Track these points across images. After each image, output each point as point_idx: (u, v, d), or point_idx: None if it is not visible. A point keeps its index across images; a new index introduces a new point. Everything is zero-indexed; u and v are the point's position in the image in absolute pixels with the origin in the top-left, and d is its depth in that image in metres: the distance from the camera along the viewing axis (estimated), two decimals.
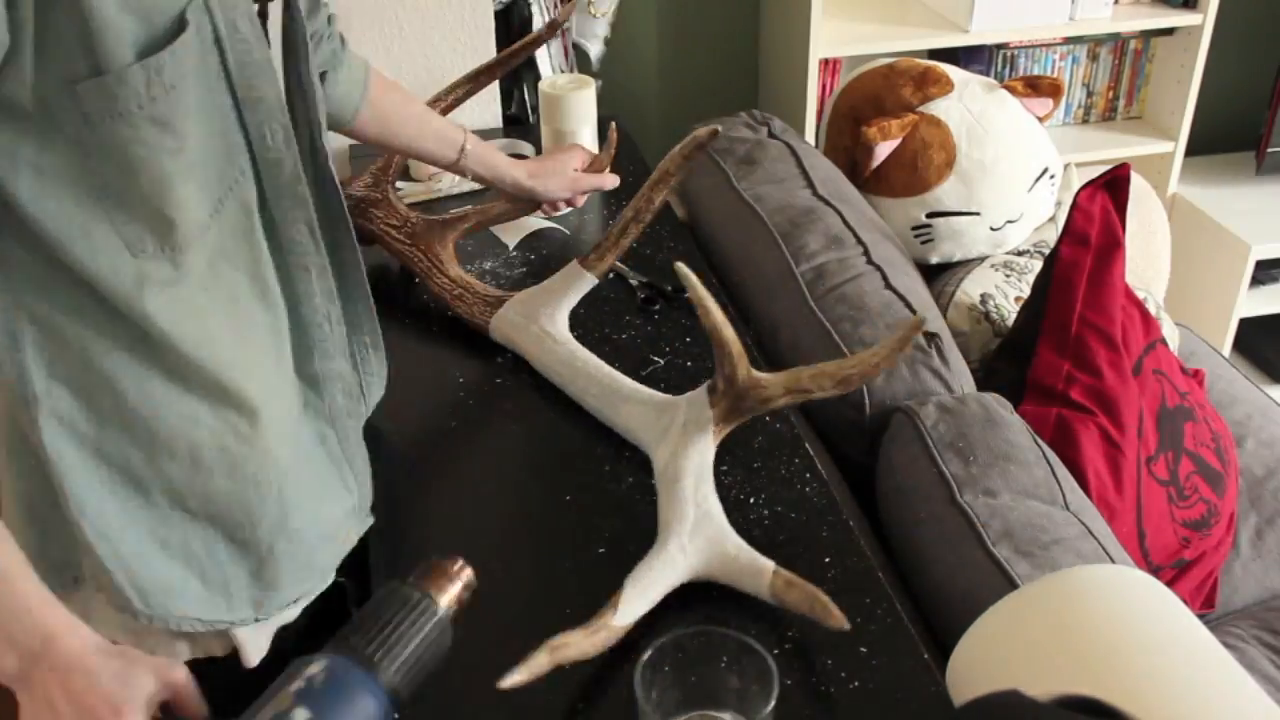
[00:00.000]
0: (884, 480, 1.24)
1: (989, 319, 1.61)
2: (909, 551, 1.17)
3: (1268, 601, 1.60)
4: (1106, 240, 1.42)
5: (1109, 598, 0.85)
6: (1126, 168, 1.46)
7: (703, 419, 1.01)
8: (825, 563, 1.01)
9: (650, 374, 1.26)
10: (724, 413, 1.01)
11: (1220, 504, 1.53)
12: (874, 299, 1.37)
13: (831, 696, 0.88)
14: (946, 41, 2.32)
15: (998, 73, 2.53)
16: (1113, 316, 1.40)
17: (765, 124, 1.76)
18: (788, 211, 1.52)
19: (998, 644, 0.87)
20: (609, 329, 1.34)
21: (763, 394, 0.99)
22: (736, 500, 1.08)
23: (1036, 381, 1.40)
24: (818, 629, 0.93)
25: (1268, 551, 1.63)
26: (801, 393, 0.99)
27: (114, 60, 0.71)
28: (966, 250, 1.75)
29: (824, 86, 2.45)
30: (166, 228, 0.79)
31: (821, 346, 1.34)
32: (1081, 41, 2.55)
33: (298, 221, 0.88)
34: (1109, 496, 1.34)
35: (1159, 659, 0.80)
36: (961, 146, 1.68)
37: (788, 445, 1.15)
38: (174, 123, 0.76)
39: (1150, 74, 2.61)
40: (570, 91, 1.63)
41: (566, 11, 1.43)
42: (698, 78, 2.60)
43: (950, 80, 1.74)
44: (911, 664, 0.91)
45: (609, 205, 1.65)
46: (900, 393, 1.29)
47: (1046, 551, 1.08)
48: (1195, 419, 1.55)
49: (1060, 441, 1.34)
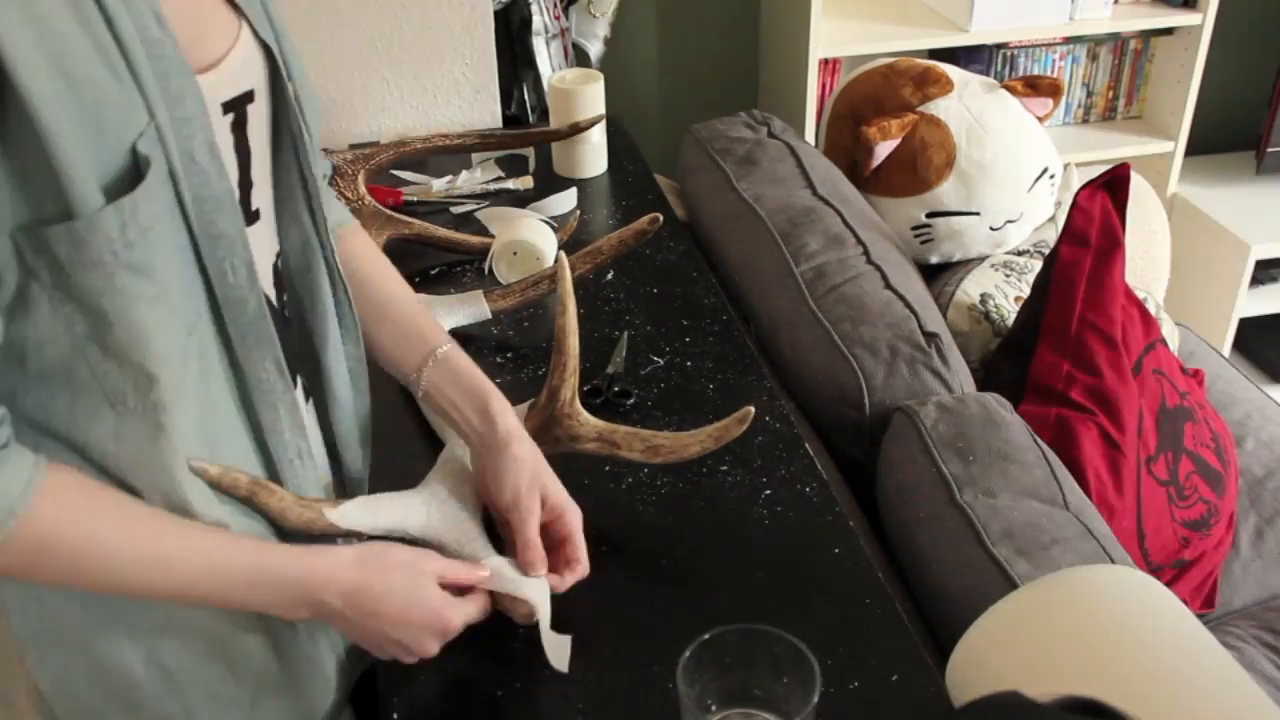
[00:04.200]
0: (884, 480, 1.24)
1: (989, 319, 1.61)
2: (909, 551, 1.17)
3: (1268, 601, 1.60)
4: (1106, 240, 1.42)
5: (1109, 598, 0.85)
6: (1126, 168, 1.46)
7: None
8: (825, 563, 1.01)
9: (650, 373, 1.26)
10: (533, 430, 0.99)
11: (1220, 504, 1.53)
12: (874, 299, 1.37)
13: (831, 696, 0.88)
14: (946, 41, 2.32)
15: (998, 73, 2.53)
16: (1113, 316, 1.40)
17: (765, 124, 1.76)
18: (788, 211, 1.52)
19: (998, 644, 0.87)
20: (609, 329, 1.34)
21: (574, 429, 0.99)
22: (737, 500, 1.08)
23: (1036, 381, 1.40)
24: (818, 630, 0.93)
25: (1268, 551, 1.63)
26: (611, 444, 1.00)
27: (84, 204, 0.65)
28: (966, 250, 1.75)
29: (824, 86, 2.45)
30: (147, 382, 0.73)
31: (821, 346, 1.34)
32: (1081, 41, 2.55)
33: (264, 360, 0.80)
34: (1109, 496, 1.34)
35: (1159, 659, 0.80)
36: (961, 146, 1.68)
37: (788, 445, 1.15)
38: (153, 268, 0.69)
39: (1150, 74, 2.61)
40: (579, 86, 1.64)
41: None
42: (698, 78, 2.60)
43: (950, 80, 1.74)
44: (911, 664, 0.91)
45: (609, 206, 1.65)
46: (900, 393, 1.29)
47: (1046, 551, 1.08)
48: (1195, 419, 1.55)
49: (1060, 441, 1.34)
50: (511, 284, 1.29)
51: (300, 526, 0.84)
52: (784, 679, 0.79)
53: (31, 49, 0.61)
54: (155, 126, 0.68)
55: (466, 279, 1.45)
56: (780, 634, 0.79)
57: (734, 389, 1.24)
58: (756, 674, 0.80)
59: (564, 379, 0.97)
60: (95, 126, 0.65)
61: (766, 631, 0.79)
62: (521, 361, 1.29)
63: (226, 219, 0.75)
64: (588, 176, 1.71)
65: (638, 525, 1.05)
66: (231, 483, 0.79)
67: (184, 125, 0.70)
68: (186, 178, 0.71)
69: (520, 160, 1.77)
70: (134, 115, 0.67)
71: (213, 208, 0.73)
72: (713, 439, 1.00)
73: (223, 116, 0.76)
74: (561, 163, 1.72)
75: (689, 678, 0.78)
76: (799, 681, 0.78)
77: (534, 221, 1.46)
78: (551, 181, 1.70)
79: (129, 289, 0.69)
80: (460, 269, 1.47)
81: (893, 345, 1.31)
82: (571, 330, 0.96)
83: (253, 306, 0.78)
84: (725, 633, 0.79)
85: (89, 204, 0.65)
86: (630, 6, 2.46)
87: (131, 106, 0.66)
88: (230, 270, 0.76)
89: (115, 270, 0.68)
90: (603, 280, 1.44)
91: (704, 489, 1.10)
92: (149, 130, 0.67)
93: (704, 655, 0.79)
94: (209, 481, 0.78)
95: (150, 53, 0.68)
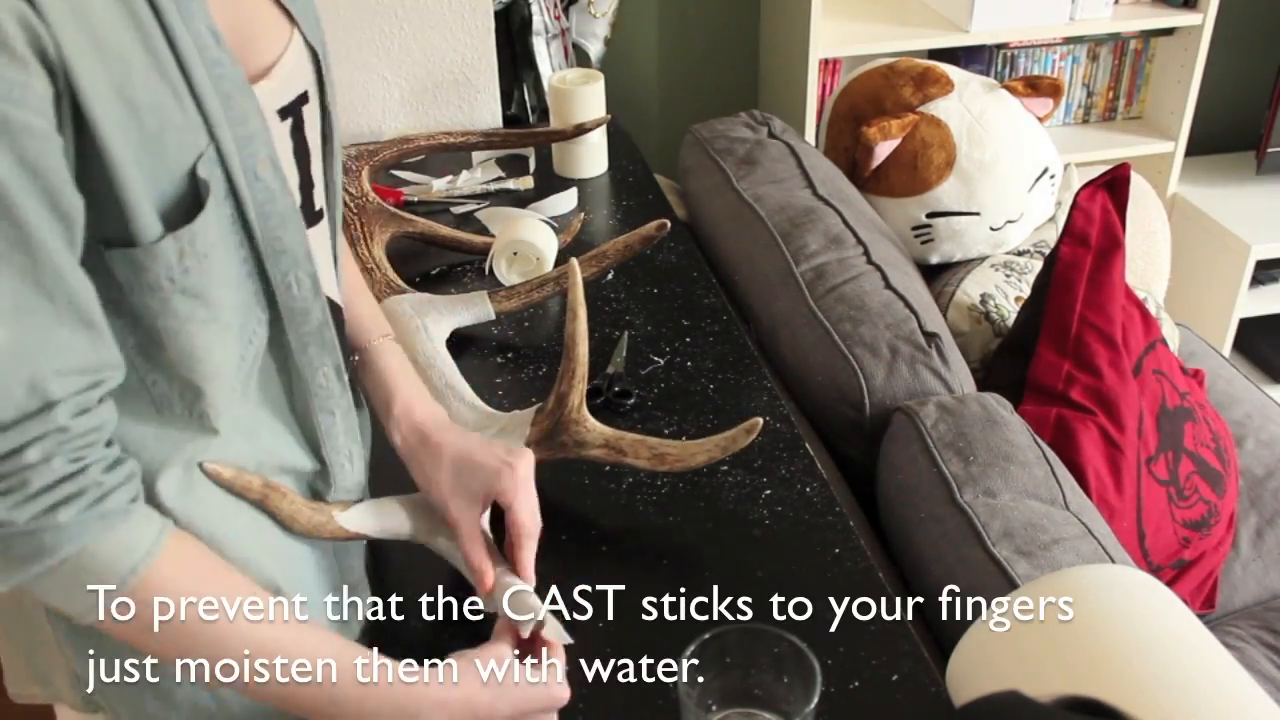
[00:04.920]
0: (884, 480, 1.24)
1: (989, 319, 1.61)
2: (909, 551, 1.17)
3: (1268, 601, 1.60)
4: (1106, 240, 1.42)
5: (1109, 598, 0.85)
6: (1126, 168, 1.46)
7: (517, 434, 1.00)
8: (825, 563, 1.01)
9: (650, 373, 1.26)
10: (539, 435, 0.99)
11: (1220, 504, 1.53)
12: (874, 299, 1.37)
13: (831, 696, 0.88)
14: (946, 41, 2.32)
15: (998, 73, 2.53)
16: (1113, 316, 1.40)
17: (765, 124, 1.76)
18: (788, 211, 1.52)
19: (998, 644, 0.87)
20: (609, 329, 1.34)
21: (581, 436, 0.99)
22: (737, 500, 1.08)
23: (1036, 381, 1.40)
24: (818, 630, 0.93)
25: (1268, 551, 1.63)
26: (617, 451, 1.00)
27: (144, 233, 0.64)
28: (966, 250, 1.75)
29: (824, 86, 2.45)
30: (194, 395, 0.73)
31: (821, 346, 1.34)
32: (1081, 41, 2.55)
33: (324, 366, 0.81)
34: (1109, 496, 1.34)
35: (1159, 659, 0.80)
36: (961, 146, 1.68)
37: (788, 445, 1.15)
38: (208, 292, 0.69)
39: (1150, 74, 2.61)
40: (579, 86, 1.64)
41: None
42: (698, 78, 2.60)
43: (950, 80, 1.74)
44: (911, 664, 0.91)
45: (609, 206, 1.65)
46: (900, 393, 1.29)
47: (1046, 551, 1.08)
48: (1195, 419, 1.55)
49: (1060, 441, 1.33)
50: (516, 285, 1.29)
51: (309, 530, 0.84)
52: (784, 679, 0.79)
53: (97, 76, 0.60)
54: (216, 147, 0.66)
55: (467, 279, 1.45)
56: (781, 634, 0.79)
57: (734, 389, 1.24)
58: (757, 674, 0.80)
59: (572, 385, 0.97)
60: (157, 153, 0.64)
61: (767, 631, 0.79)
62: (522, 362, 1.29)
63: (291, 234, 0.74)
64: (588, 176, 1.71)
65: (638, 525, 1.05)
66: (244, 485, 0.79)
67: (247, 143, 0.69)
68: (251, 195, 0.70)
69: (520, 160, 1.77)
70: (194, 138, 0.65)
71: (277, 224, 0.73)
72: (720, 448, 1.00)
73: (281, 123, 0.75)
74: (561, 163, 1.72)
75: (689, 678, 0.78)
76: (799, 681, 0.78)
77: (534, 221, 1.46)
78: (551, 181, 1.70)
79: (182, 312, 0.68)
80: (461, 269, 1.47)
81: (893, 345, 1.31)
82: (582, 337, 0.96)
83: (316, 316, 0.78)
84: (725, 633, 0.79)
85: (149, 233, 0.64)
86: (630, 6, 2.45)
87: (192, 129, 0.65)
88: (295, 283, 0.75)
89: (171, 294, 0.67)
90: (603, 280, 1.44)
91: (704, 489, 1.10)
92: (209, 152, 0.66)
93: (704, 655, 0.79)
94: (222, 485, 0.78)
95: (211, 72, 0.66)
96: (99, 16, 0.60)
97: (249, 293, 0.73)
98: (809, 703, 0.76)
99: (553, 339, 1.34)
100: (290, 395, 0.81)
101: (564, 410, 0.98)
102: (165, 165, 0.64)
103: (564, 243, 1.46)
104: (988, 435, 1.20)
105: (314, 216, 0.81)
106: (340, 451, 0.85)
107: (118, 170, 0.62)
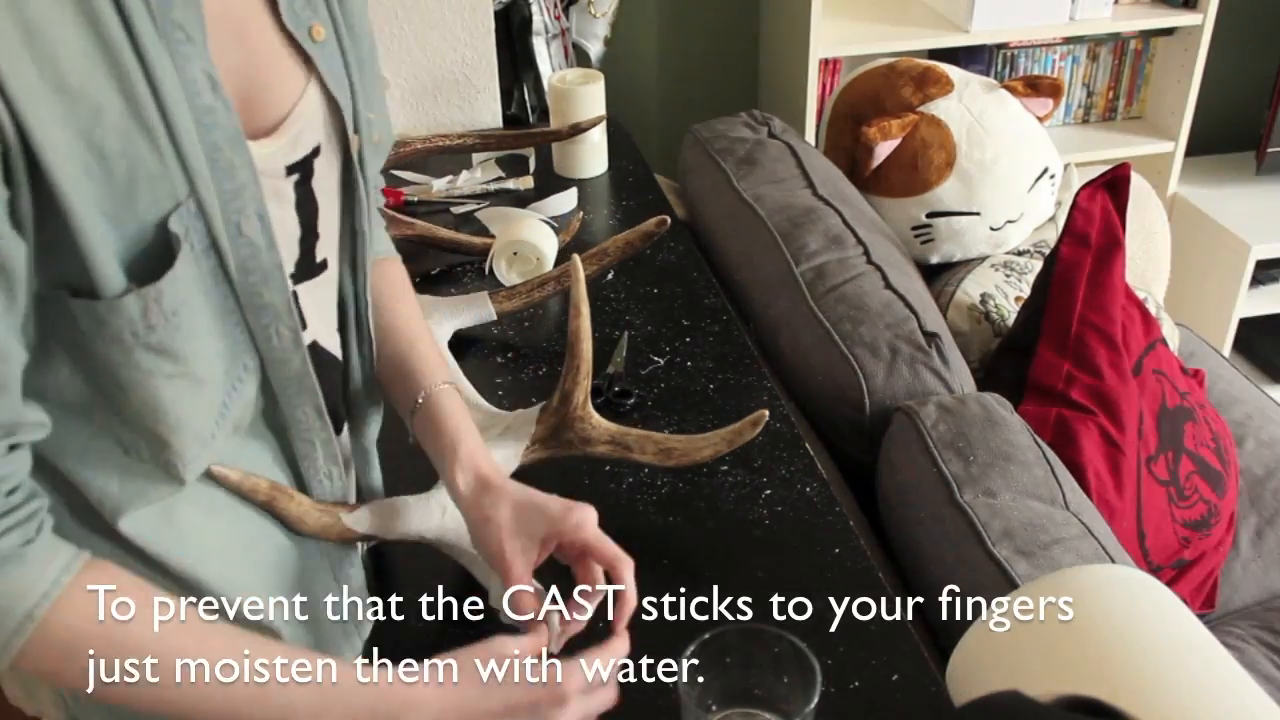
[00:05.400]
0: (884, 480, 1.24)
1: (989, 319, 1.61)
2: (909, 551, 1.17)
3: (1268, 601, 1.60)
4: (1106, 240, 1.42)
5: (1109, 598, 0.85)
6: (1126, 168, 1.46)
7: (522, 432, 0.99)
8: (825, 562, 1.01)
9: (650, 373, 1.26)
10: (545, 432, 0.99)
11: (1220, 504, 1.53)
12: (874, 299, 1.37)
13: (832, 696, 0.88)
14: (946, 41, 2.32)
15: (998, 73, 2.53)
16: (1113, 316, 1.40)
17: (765, 124, 1.76)
18: (788, 211, 1.52)
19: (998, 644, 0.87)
20: (609, 329, 1.34)
21: (586, 432, 0.99)
22: (737, 500, 1.08)
23: (1036, 381, 1.40)
24: (818, 630, 0.93)
25: (1268, 551, 1.63)
26: (623, 447, 0.99)
27: (105, 285, 0.61)
28: (966, 250, 1.75)
29: (824, 86, 2.45)
30: (159, 445, 0.71)
31: (821, 346, 1.33)
32: (1081, 41, 2.55)
33: (304, 406, 0.80)
34: (1109, 496, 1.34)
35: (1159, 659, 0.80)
36: (961, 146, 1.68)
37: (788, 445, 1.15)
38: (174, 348, 0.66)
39: (1150, 74, 2.61)
40: (579, 86, 1.64)
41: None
42: (698, 78, 2.60)
43: (950, 80, 1.74)
44: (911, 664, 0.91)
45: (609, 206, 1.65)
46: (900, 392, 1.29)
47: (1046, 551, 1.08)
48: (1195, 419, 1.55)
49: (1060, 441, 1.33)
50: (517, 285, 1.29)
51: (317, 531, 0.84)
52: (784, 678, 0.79)
53: (58, 124, 0.57)
54: (195, 200, 0.64)
55: (467, 279, 1.46)
56: (781, 633, 0.79)
57: (734, 389, 1.24)
58: (757, 674, 0.80)
59: (577, 382, 0.97)
60: (125, 202, 0.61)
61: (767, 631, 0.79)
62: (523, 362, 1.29)
63: (273, 290, 0.72)
64: (588, 176, 1.71)
65: (638, 525, 1.05)
66: (251, 488, 0.79)
67: (233, 198, 0.66)
68: (233, 250, 0.67)
69: (520, 160, 1.77)
70: (170, 189, 0.62)
71: (259, 280, 0.70)
72: (725, 442, 1.00)
73: (285, 178, 0.73)
74: (561, 163, 1.72)
75: (689, 678, 0.78)
76: (799, 681, 0.78)
77: (534, 221, 1.46)
78: (551, 181, 1.70)
79: (145, 365, 0.66)
80: (461, 269, 1.47)
81: (893, 345, 1.31)
82: (585, 334, 0.96)
83: (295, 365, 0.77)
84: (725, 633, 0.79)
85: (111, 285, 0.62)
86: (630, 6, 2.45)
87: (168, 180, 0.62)
88: (275, 335, 0.74)
89: (134, 348, 0.65)
90: (603, 280, 1.44)
91: (704, 489, 1.10)
92: (188, 204, 0.63)
93: (704, 655, 0.79)
94: (230, 487, 0.78)
95: (199, 121, 0.63)
96: (66, 60, 0.57)
97: (235, 341, 0.72)
98: (809, 703, 0.76)
99: (553, 339, 1.34)
100: (271, 420, 0.80)
101: (569, 407, 0.98)
102: (135, 215, 0.61)
103: (564, 242, 1.46)
104: (988, 435, 1.20)
105: (315, 269, 0.79)
106: (319, 471, 0.85)
107: (76, 219, 0.59)
